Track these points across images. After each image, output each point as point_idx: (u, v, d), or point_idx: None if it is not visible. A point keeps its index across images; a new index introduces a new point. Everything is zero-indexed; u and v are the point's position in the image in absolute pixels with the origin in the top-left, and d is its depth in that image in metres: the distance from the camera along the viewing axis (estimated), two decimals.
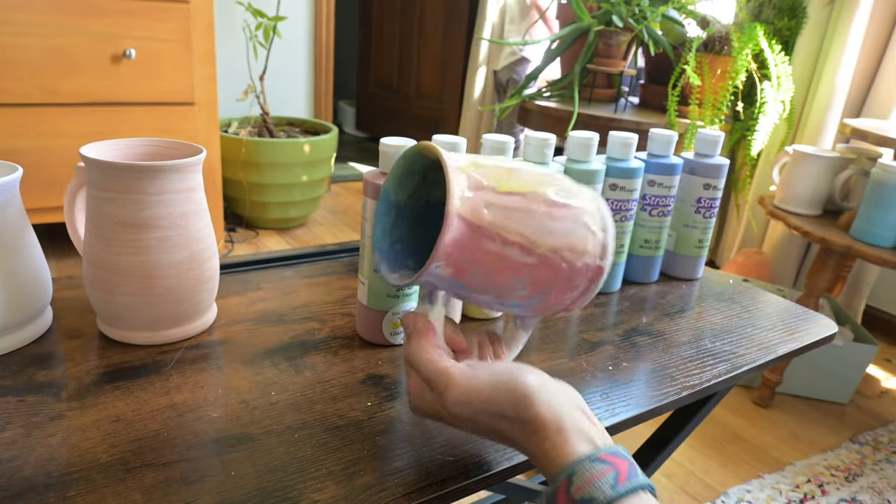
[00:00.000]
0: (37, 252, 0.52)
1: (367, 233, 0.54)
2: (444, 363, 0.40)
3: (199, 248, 0.53)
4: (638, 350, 0.61)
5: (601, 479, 0.34)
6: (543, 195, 0.42)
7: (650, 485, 0.35)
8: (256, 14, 2.05)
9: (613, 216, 0.69)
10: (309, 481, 0.40)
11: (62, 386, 0.47)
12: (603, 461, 0.35)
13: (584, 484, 0.34)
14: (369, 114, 3.78)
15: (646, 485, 0.35)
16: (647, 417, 0.52)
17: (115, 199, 0.49)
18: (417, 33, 3.35)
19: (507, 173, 0.42)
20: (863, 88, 1.68)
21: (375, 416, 0.47)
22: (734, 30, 1.64)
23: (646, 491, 0.34)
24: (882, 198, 1.26)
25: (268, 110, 2.16)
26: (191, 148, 0.54)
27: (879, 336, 1.83)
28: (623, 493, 0.33)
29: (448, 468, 0.43)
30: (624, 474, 0.34)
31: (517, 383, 0.38)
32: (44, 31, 1.52)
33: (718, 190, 0.76)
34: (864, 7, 1.55)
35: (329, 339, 0.58)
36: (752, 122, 1.66)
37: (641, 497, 0.34)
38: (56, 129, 1.61)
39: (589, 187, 0.47)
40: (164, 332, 0.53)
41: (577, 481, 0.34)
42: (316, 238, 2.24)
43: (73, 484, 0.38)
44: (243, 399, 0.48)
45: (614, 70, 1.73)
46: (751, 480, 1.23)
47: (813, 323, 0.71)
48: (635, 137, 0.69)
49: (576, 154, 0.67)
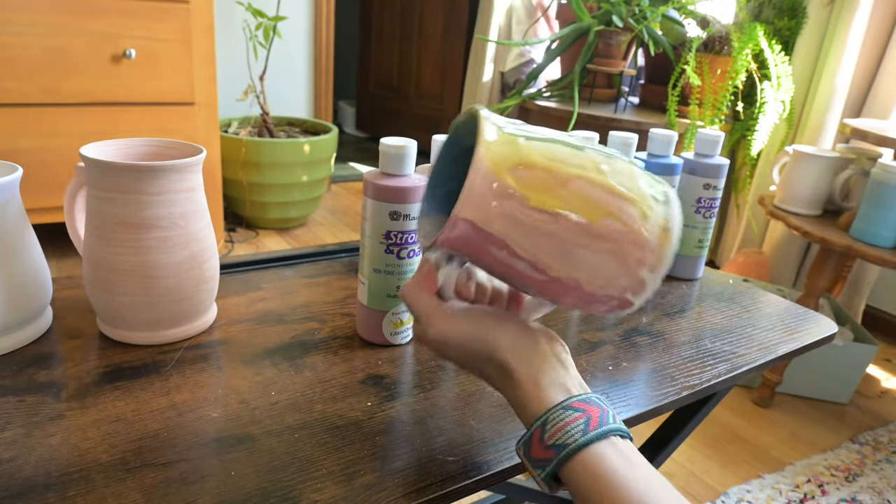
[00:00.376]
0: (37, 252, 0.52)
1: (367, 233, 0.54)
2: (432, 301, 0.42)
3: (199, 248, 0.53)
4: (638, 350, 0.61)
5: (572, 425, 0.35)
6: (586, 223, 0.36)
7: (622, 429, 0.36)
8: (256, 14, 2.05)
9: None
10: (309, 481, 0.40)
11: (62, 386, 0.47)
12: (575, 408, 0.35)
13: (556, 431, 0.35)
14: (369, 114, 3.78)
15: (616, 429, 0.35)
16: (647, 417, 0.52)
17: (115, 199, 0.49)
18: (417, 33, 3.35)
19: (560, 183, 0.36)
20: (863, 88, 1.68)
21: (375, 416, 0.47)
22: (734, 30, 1.64)
23: (616, 435, 0.35)
24: (882, 198, 1.26)
25: (268, 110, 2.16)
26: (191, 148, 0.54)
27: (879, 336, 1.83)
28: (593, 439, 0.34)
29: (448, 468, 0.43)
30: (595, 420, 0.35)
31: (491, 333, 0.40)
32: (44, 31, 1.52)
33: (718, 190, 0.76)
34: (864, 7, 1.55)
35: (329, 339, 0.58)
36: (752, 122, 1.66)
37: (612, 441, 0.35)
38: (56, 129, 1.61)
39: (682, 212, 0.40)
40: (164, 332, 0.53)
41: (550, 429, 0.35)
42: (316, 238, 2.24)
43: (73, 484, 0.38)
44: (243, 399, 0.48)
45: (614, 70, 1.73)
46: (751, 480, 1.23)
47: (813, 323, 0.71)
48: (635, 137, 0.69)
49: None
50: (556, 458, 0.35)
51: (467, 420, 0.48)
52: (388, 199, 0.52)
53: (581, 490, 0.34)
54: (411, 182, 0.53)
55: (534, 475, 0.37)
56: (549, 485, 0.35)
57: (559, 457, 0.35)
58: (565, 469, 0.35)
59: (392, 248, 0.54)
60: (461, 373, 0.54)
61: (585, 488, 0.34)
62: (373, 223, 0.54)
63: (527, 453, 0.37)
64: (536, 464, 0.36)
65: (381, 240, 0.54)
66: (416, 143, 0.54)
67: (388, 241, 0.54)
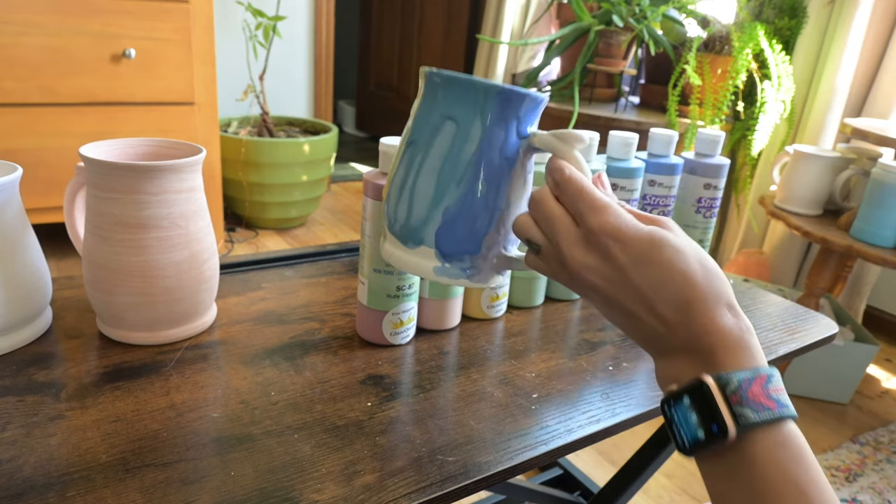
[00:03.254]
0: (37, 252, 0.52)
1: (367, 232, 0.54)
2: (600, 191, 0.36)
3: (199, 248, 0.53)
4: (638, 350, 0.61)
5: (784, 392, 0.32)
6: None
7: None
8: (256, 14, 2.05)
9: None
10: (309, 481, 0.40)
11: (62, 386, 0.47)
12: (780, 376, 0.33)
13: (779, 389, 0.32)
14: (369, 114, 3.78)
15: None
16: (647, 417, 0.52)
17: (115, 198, 0.49)
18: (417, 33, 3.35)
19: None
20: (863, 88, 1.68)
21: (375, 416, 0.47)
22: (734, 29, 1.64)
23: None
24: (882, 198, 1.26)
25: (268, 110, 2.16)
26: (191, 148, 0.54)
27: (880, 336, 1.83)
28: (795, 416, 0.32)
29: (448, 468, 0.42)
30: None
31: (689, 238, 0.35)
32: (44, 31, 1.52)
33: (719, 190, 0.76)
34: (864, 7, 1.55)
35: (329, 339, 0.57)
36: (752, 122, 1.66)
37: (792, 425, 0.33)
38: (56, 129, 1.61)
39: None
40: (163, 332, 0.53)
41: (776, 384, 0.32)
42: (316, 238, 2.24)
43: (73, 484, 0.38)
44: (243, 399, 0.48)
45: (614, 70, 1.73)
46: None
47: (813, 323, 0.71)
48: (635, 137, 0.69)
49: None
50: (779, 411, 0.31)
51: (467, 420, 0.48)
52: None
53: (769, 459, 0.31)
54: None
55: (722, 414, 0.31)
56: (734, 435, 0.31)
57: (781, 412, 0.31)
58: (770, 431, 0.31)
59: None
60: (461, 373, 0.54)
61: (779, 465, 0.30)
62: (373, 223, 0.54)
63: (737, 390, 0.31)
64: (748, 404, 0.31)
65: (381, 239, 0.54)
66: None
67: None
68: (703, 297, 0.33)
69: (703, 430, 0.32)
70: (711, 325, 0.33)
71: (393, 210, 0.43)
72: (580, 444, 0.48)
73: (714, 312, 0.33)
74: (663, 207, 0.74)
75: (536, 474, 1.13)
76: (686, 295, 0.33)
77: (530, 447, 0.46)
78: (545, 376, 0.55)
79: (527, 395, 0.52)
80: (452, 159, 0.40)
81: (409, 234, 0.42)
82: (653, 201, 0.73)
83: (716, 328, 0.33)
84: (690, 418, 0.32)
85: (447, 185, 0.40)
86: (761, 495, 0.30)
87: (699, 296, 0.33)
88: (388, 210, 0.43)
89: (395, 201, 0.42)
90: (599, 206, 0.35)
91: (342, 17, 3.03)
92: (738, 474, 0.31)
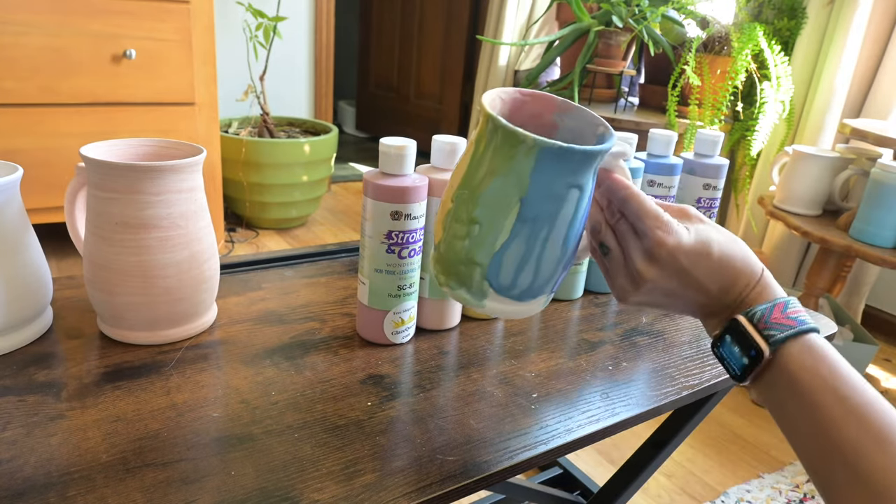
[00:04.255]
0: (37, 252, 0.53)
1: (368, 232, 0.54)
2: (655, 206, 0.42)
3: (199, 248, 0.53)
4: (638, 350, 0.61)
5: (804, 313, 0.39)
6: None
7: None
8: (256, 14, 2.05)
9: None
10: (309, 481, 0.40)
11: (62, 386, 0.47)
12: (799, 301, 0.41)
13: (798, 310, 0.39)
14: (369, 114, 3.78)
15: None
16: (647, 417, 0.52)
17: (116, 199, 0.49)
18: (417, 33, 3.35)
19: None
20: (863, 88, 1.68)
21: (375, 416, 0.47)
22: (734, 30, 1.64)
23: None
24: (882, 198, 1.26)
25: (268, 110, 2.16)
26: (191, 148, 0.54)
27: (879, 336, 1.83)
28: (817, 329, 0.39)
29: (448, 468, 0.43)
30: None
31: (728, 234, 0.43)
32: (44, 31, 1.52)
33: (718, 190, 0.76)
34: (863, 7, 1.55)
35: (329, 338, 0.58)
36: (751, 123, 1.66)
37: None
38: (56, 129, 1.61)
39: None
40: (164, 331, 0.53)
41: (793, 306, 0.39)
42: (316, 238, 2.24)
43: (74, 484, 0.38)
44: (243, 399, 0.48)
45: (614, 70, 1.73)
46: (750, 480, 1.23)
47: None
48: (635, 138, 0.69)
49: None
50: (799, 326, 0.38)
51: (467, 420, 0.48)
52: (389, 199, 0.52)
53: (800, 364, 0.37)
54: (411, 182, 0.53)
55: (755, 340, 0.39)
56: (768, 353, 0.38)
57: (801, 327, 0.38)
58: (798, 341, 0.38)
59: (393, 248, 0.54)
60: (461, 373, 0.54)
61: (808, 368, 0.37)
62: (373, 223, 0.54)
63: (762, 318, 0.39)
64: (773, 327, 0.38)
65: (382, 240, 0.54)
66: (415, 143, 0.54)
67: (389, 240, 0.54)
68: (740, 272, 0.41)
69: (745, 356, 0.39)
70: (746, 288, 0.41)
71: (511, 279, 0.41)
72: (580, 444, 0.48)
73: (749, 279, 0.41)
74: None
75: (536, 474, 1.13)
76: (731, 276, 0.41)
77: (530, 447, 0.46)
78: (545, 376, 0.55)
79: (526, 394, 0.52)
80: (576, 221, 0.41)
81: (531, 293, 0.42)
82: None
83: (747, 284, 0.41)
84: (734, 351, 0.40)
85: (572, 245, 0.42)
86: (799, 394, 0.37)
87: (739, 273, 0.41)
88: (498, 277, 0.41)
89: (514, 272, 0.41)
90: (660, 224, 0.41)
91: (342, 17, 3.03)
92: (780, 384, 0.38)
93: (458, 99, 3.17)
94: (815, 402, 0.36)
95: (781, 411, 0.38)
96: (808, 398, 0.36)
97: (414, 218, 0.54)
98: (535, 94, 0.44)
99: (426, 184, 0.54)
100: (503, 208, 0.39)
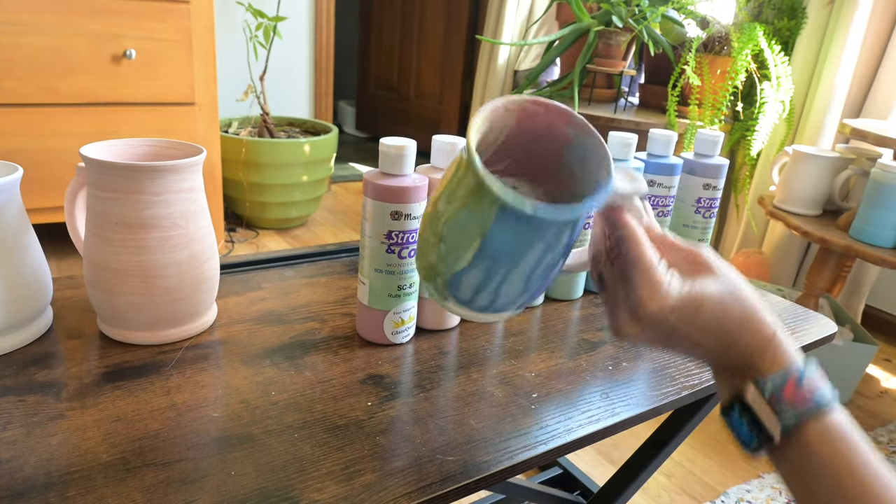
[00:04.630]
0: (37, 252, 0.53)
1: (368, 232, 0.54)
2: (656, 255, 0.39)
3: (199, 248, 0.53)
4: (638, 350, 0.61)
5: (825, 384, 0.36)
6: None
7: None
8: (256, 14, 2.05)
9: None
10: (309, 481, 0.40)
11: (62, 386, 0.47)
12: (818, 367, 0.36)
13: (815, 383, 0.35)
14: (369, 114, 3.78)
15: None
16: (647, 417, 0.52)
17: (116, 199, 0.49)
18: (417, 33, 3.35)
19: None
20: (862, 88, 1.68)
21: (375, 416, 0.47)
22: (734, 30, 1.64)
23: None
24: (882, 198, 1.26)
25: (268, 110, 2.16)
26: (191, 148, 0.54)
27: (879, 336, 1.83)
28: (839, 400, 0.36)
29: (448, 468, 0.43)
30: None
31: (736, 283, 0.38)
32: (44, 31, 1.52)
33: (718, 190, 0.76)
34: (863, 7, 1.55)
35: (329, 338, 0.58)
36: (751, 123, 1.66)
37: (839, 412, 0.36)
38: (56, 129, 1.61)
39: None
40: (164, 331, 0.53)
41: (812, 375, 0.36)
42: (316, 238, 2.24)
43: (74, 484, 0.38)
44: (243, 399, 0.48)
45: (614, 70, 1.73)
46: (750, 480, 1.23)
47: (813, 323, 0.71)
48: (635, 138, 0.69)
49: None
50: (815, 404, 0.34)
51: (467, 420, 0.48)
52: (389, 199, 0.52)
53: (823, 450, 0.34)
54: (411, 182, 0.53)
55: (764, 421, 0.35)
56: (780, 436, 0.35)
57: (818, 406, 0.34)
58: (814, 423, 0.34)
59: (393, 248, 0.54)
60: (461, 373, 0.54)
61: (829, 449, 0.34)
62: (373, 223, 0.54)
63: (773, 393, 0.35)
64: (784, 406, 0.35)
65: (382, 240, 0.54)
66: (415, 143, 0.54)
67: (389, 240, 0.54)
68: (742, 331, 0.37)
69: (755, 433, 0.36)
70: (752, 344, 0.37)
71: (469, 298, 0.40)
72: (580, 444, 0.48)
73: (753, 336, 0.37)
74: (662, 208, 0.74)
75: (536, 474, 1.13)
76: (730, 333, 0.37)
77: (530, 447, 0.46)
78: (545, 376, 0.55)
79: (526, 394, 0.52)
80: (541, 266, 0.39)
81: (493, 310, 0.41)
82: (652, 202, 0.73)
83: (755, 346, 0.37)
84: (742, 425, 0.37)
85: (538, 281, 0.40)
86: (815, 474, 0.34)
87: (740, 331, 0.37)
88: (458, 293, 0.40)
89: (472, 294, 0.40)
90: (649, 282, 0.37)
91: (342, 17, 3.03)
92: (793, 460, 0.35)
93: (458, 99, 3.17)
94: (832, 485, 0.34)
95: (795, 484, 0.36)
96: (825, 482, 0.34)
97: (414, 218, 0.54)
98: (550, 105, 0.41)
99: (426, 184, 0.54)
100: (465, 239, 0.37)
